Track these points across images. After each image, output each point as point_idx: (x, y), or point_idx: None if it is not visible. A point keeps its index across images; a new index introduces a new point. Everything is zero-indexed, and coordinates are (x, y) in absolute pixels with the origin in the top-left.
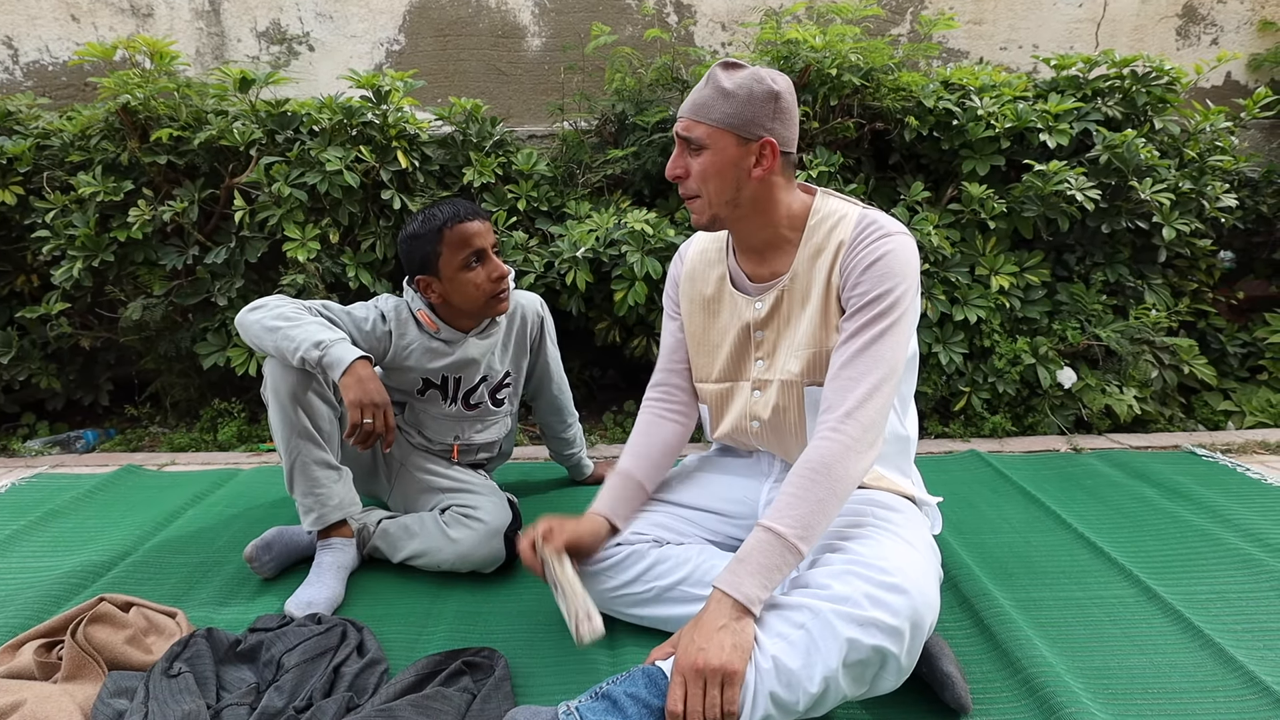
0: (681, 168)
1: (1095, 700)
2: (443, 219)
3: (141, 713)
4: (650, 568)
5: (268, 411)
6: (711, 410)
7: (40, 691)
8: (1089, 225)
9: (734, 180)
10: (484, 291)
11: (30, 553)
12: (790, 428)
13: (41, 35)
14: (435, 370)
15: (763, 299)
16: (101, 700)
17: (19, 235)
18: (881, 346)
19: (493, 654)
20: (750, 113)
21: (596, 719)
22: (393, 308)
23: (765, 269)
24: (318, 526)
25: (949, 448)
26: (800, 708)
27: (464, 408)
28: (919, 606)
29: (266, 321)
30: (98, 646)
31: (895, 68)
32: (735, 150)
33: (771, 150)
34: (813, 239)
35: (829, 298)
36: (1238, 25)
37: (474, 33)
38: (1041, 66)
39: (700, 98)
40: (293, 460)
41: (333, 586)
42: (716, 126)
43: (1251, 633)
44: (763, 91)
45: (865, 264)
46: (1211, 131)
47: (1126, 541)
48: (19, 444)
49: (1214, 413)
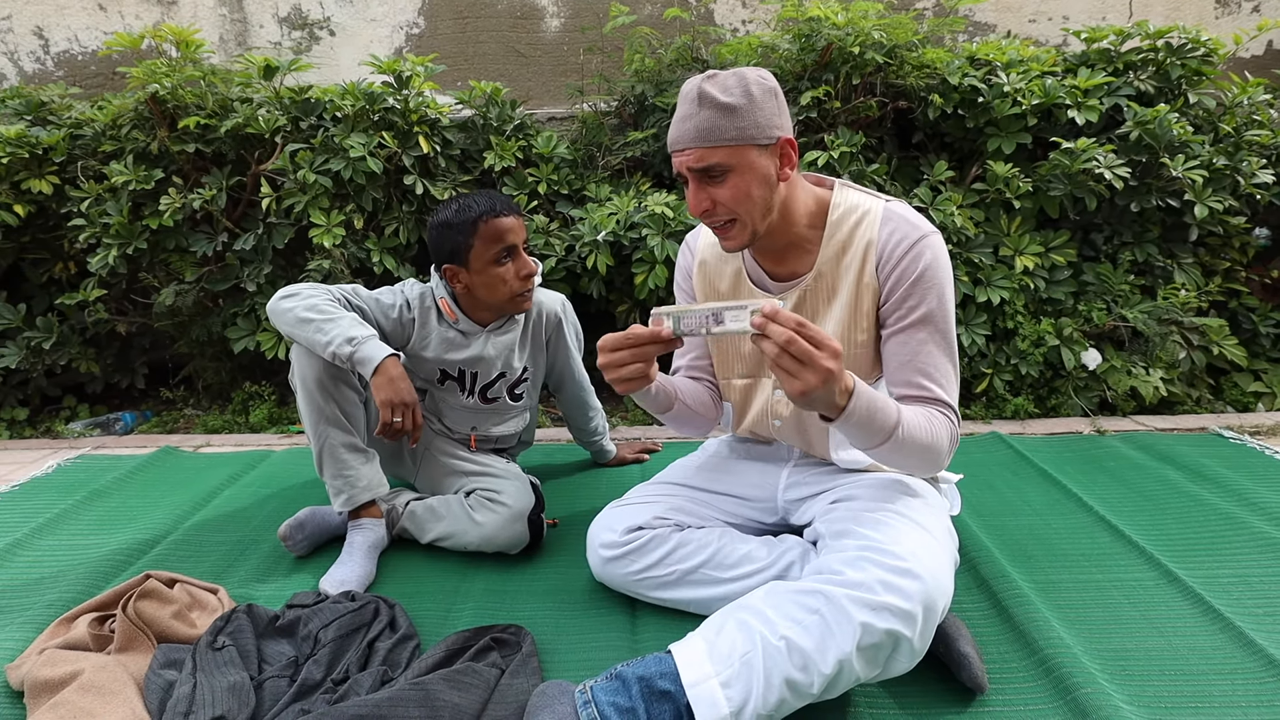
0: (707, 200)
1: (1112, 681)
2: (479, 211)
3: (190, 683)
4: (672, 551)
5: (296, 397)
6: (735, 406)
7: (96, 662)
8: (1117, 204)
9: (767, 191)
10: (510, 288)
11: (78, 530)
12: (812, 425)
13: (70, 25)
14: (451, 362)
15: (785, 297)
16: (153, 671)
17: (56, 224)
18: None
19: (520, 631)
20: (761, 117)
21: (607, 697)
22: (418, 295)
23: (785, 267)
24: (348, 507)
25: (970, 430)
26: (815, 690)
27: (481, 401)
28: (931, 591)
29: (299, 313)
30: (147, 621)
31: (919, 44)
32: (760, 161)
33: (791, 147)
34: (836, 235)
35: (859, 298)
36: None
37: (492, 14)
38: (1071, 39)
39: (703, 123)
40: (321, 444)
41: (364, 565)
42: (735, 145)
43: (1273, 616)
44: (763, 91)
45: (911, 276)
46: (1249, 104)
47: (1148, 524)
48: (62, 425)
49: (1244, 394)
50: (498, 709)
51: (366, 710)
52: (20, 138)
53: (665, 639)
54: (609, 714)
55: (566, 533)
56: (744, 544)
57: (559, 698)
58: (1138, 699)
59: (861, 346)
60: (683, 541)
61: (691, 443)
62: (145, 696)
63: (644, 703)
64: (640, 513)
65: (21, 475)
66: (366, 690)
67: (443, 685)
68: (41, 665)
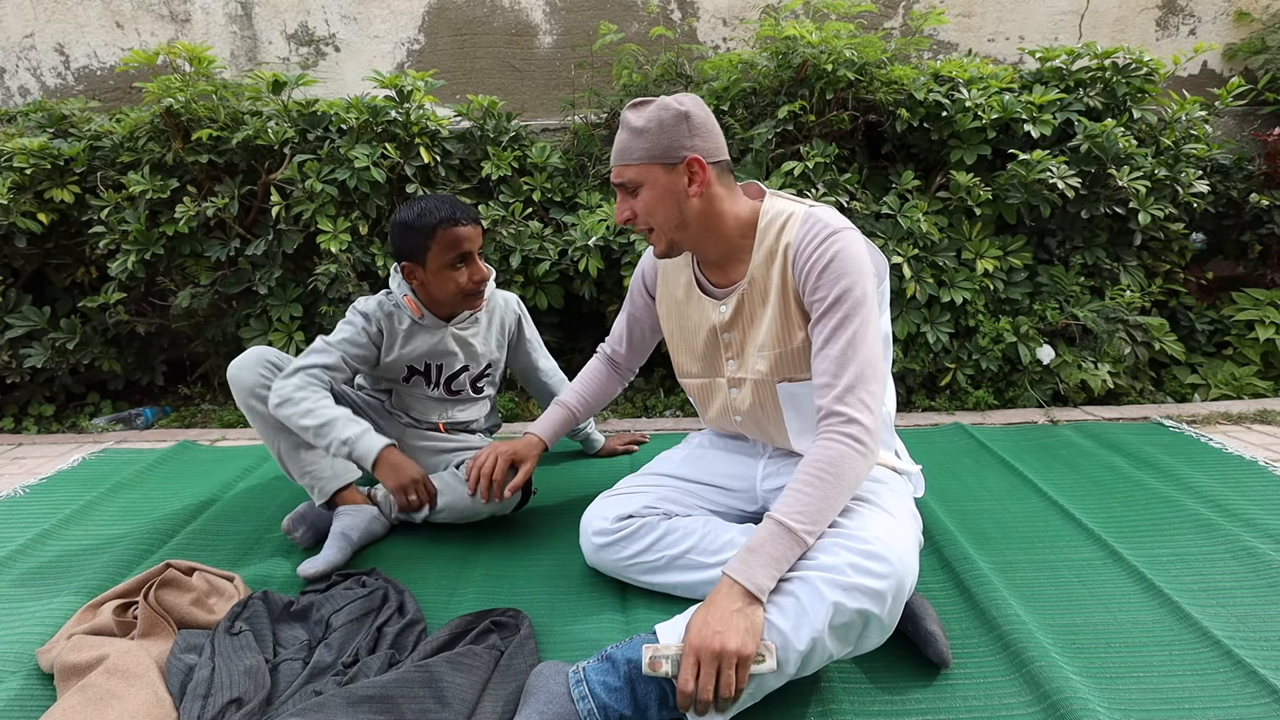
0: (628, 210)
1: (1063, 654)
2: (437, 218)
3: (209, 667)
4: (661, 538)
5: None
6: (696, 402)
7: (121, 647)
8: (1069, 211)
9: (675, 205)
10: (462, 289)
11: (103, 521)
12: (770, 421)
13: (90, 42)
14: (417, 356)
15: (726, 303)
16: (174, 655)
17: (78, 231)
18: (857, 345)
19: (518, 614)
20: (666, 140)
21: (598, 677)
22: (375, 305)
23: (725, 276)
24: (322, 499)
25: (935, 420)
26: (790, 669)
27: (446, 393)
28: (899, 572)
29: (298, 420)
30: (167, 608)
31: (888, 62)
32: (665, 178)
33: (699, 165)
34: (764, 242)
35: (786, 299)
36: (1214, 16)
37: (489, 31)
38: (1027, 58)
39: (620, 144)
40: (277, 451)
41: (331, 550)
42: (640, 163)
43: (1206, 591)
44: (670, 116)
45: (819, 268)
46: (1187, 120)
47: (1096, 508)
48: (86, 421)
49: (1182, 386)
50: (498, 688)
51: (375, 691)
52: (43, 149)
53: (654, 620)
54: (600, 693)
55: (560, 521)
56: (727, 531)
57: (554, 677)
58: (1085, 670)
59: (799, 344)
60: (670, 529)
61: (677, 435)
62: (167, 679)
63: (631, 681)
64: (630, 502)
65: (49, 469)
66: (375, 672)
67: (446, 667)
68: (70, 650)
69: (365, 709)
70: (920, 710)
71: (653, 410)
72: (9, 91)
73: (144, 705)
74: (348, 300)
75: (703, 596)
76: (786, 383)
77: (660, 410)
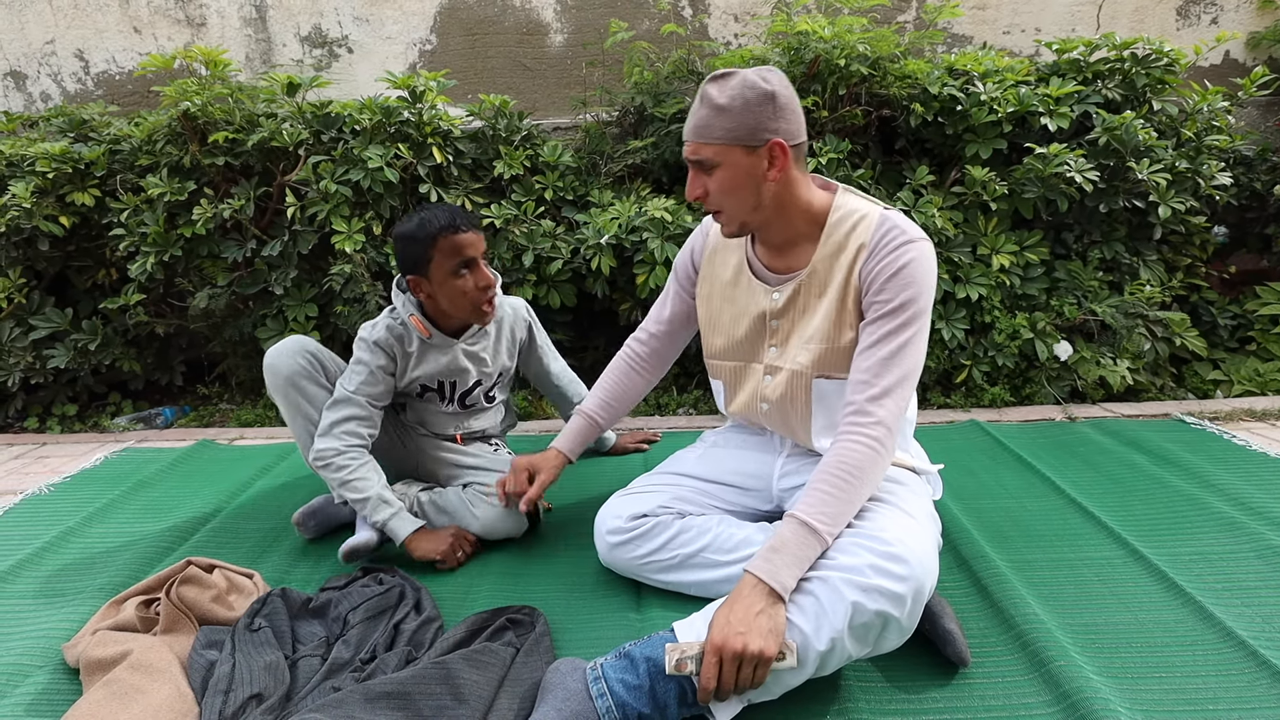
0: (700, 188)
1: (1083, 654)
2: (437, 227)
3: (230, 663)
4: (675, 537)
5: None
6: (725, 386)
7: (144, 642)
8: (1087, 205)
9: (752, 189)
10: (470, 299)
11: (125, 519)
12: (797, 414)
13: (108, 47)
14: (430, 376)
15: (780, 290)
16: (195, 651)
17: (98, 233)
18: (905, 354)
19: (533, 612)
20: (751, 121)
21: (616, 675)
22: (384, 332)
23: (783, 262)
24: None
25: (950, 418)
26: (810, 668)
27: (460, 407)
28: (919, 574)
29: (335, 486)
30: (189, 604)
31: (901, 56)
32: (746, 160)
33: (781, 150)
34: (833, 236)
35: (845, 296)
36: (1237, 4)
37: (500, 30)
38: (1043, 50)
39: (700, 119)
40: (304, 442)
41: (369, 532)
42: (721, 144)
43: (1230, 591)
44: (756, 96)
45: (889, 272)
46: (1209, 111)
47: (1116, 506)
48: (108, 420)
49: (1204, 382)
50: (514, 685)
51: (392, 687)
52: (65, 154)
53: (668, 619)
54: (618, 690)
55: (575, 520)
56: (741, 529)
57: (571, 674)
58: (1106, 670)
59: (845, 343)
60: (684, 528)
61: (690, 434)
62: (189, 675)
63: (651, 679)
64: (644, 501)
65: (72, 468)
66: (393, 669)
67: (462, 664)
68: (94, 645)
69: (383, 705)
70: (938, 710)
71: (665, 408)
72: (31, 97)
73: (167, 700)
74: (362, 300)
75: (717, 595)
76: (823, 379)
77: (673, 408)
